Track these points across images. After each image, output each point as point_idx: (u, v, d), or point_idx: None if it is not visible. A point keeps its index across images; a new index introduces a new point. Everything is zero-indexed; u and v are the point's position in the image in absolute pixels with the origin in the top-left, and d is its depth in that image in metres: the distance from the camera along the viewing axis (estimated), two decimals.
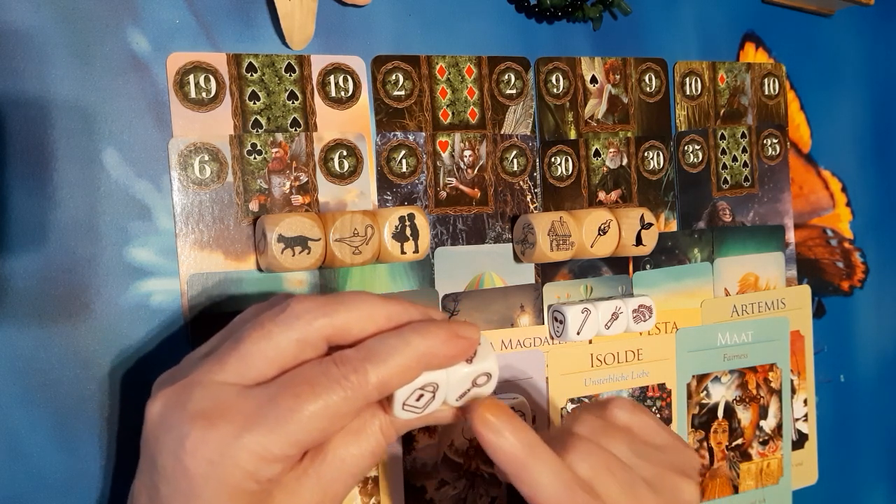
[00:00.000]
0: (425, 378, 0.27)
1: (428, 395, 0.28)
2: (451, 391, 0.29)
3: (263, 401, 0.25)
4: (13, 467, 0.33)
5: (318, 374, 0.26)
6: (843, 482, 0.55)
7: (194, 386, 0.26)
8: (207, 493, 0.25)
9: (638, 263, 0.47)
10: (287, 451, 0.25)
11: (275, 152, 0.38)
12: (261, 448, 0.25)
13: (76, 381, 0.34)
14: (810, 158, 0.54)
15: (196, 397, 0.26)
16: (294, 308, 0.27)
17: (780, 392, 0.51)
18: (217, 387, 0.26)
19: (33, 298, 0.33)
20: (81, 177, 0.34)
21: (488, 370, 0.29)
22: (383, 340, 0.27)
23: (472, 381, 0.29)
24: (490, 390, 0.30)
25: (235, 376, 0.26)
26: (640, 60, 0.47)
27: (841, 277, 0.55)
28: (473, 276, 0.42)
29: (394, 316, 0.28)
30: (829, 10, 0.54)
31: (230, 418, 0.25)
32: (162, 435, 0.26)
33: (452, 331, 0.27)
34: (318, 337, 0.27)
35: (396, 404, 0.28)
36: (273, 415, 0.25)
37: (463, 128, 0.42)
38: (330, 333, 0.27)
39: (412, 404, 0.28)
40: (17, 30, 0.33)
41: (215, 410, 0.25)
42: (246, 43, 0.37)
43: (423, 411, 0.28)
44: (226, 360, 0.26)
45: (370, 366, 0.26)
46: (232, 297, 0.36)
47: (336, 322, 0.27)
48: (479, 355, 0.29)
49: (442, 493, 0.41)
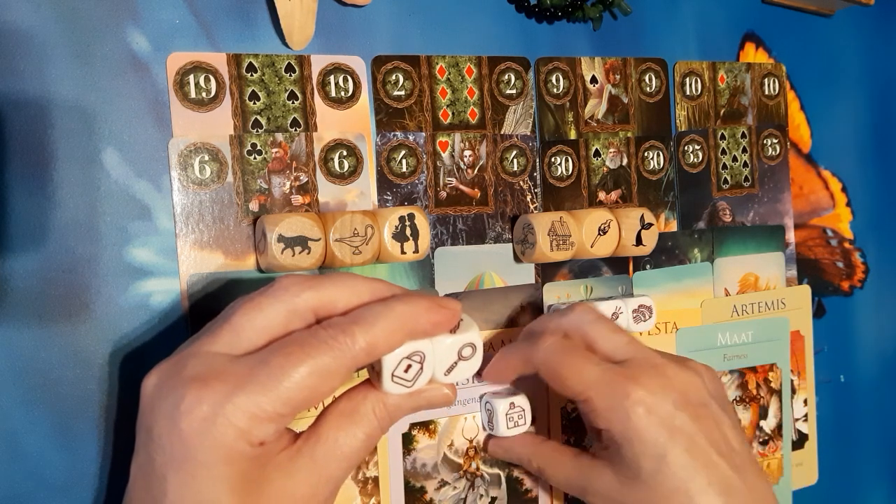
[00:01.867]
0: (411, 346, 0.29)
1: (416, 365, 0.29)
2: (438, 363, 0.30)
3: (255, 363, 0.26)
4: (13, 467, 0.33)
5: (308, 337, 0.27)
6: (843, 482, 0.55)
7: (188, 357, 0.27)
8: (202, 454, 0.25)
9: (638, 263, 0.47)
10: (279, 409, 0.26)
11: (275, 152, 0.38)
12: (254, 406, 0.25)
13: (76, 381, 0.34)
14: (810, 158, 0.54)
15: (190, 365, 0.26)
16: (282, 282, 0.28)
17: (780, 392, 0.51)
18: (210, 356, 0.27)
19: (33, 298, 0.33)
20: (81, 177, 0.34)
21: (472, 340, 0.30)
22: (369, 307, 0.28)
23: (458, 352, 0.30)
24: (477, 364, 0.31)
25: (227, 347, 0.27)
26: (640, 60, 0.47)
27: (841, 277, 0.55)
28: (473, 276, 0.42)
29: (377, 291, 0.29)
30: (829, 10, 0.54)
31: (224, 379, 0.26)
32: (157, 403, 0.26)
33: (434, 301, 0.29)
34: (305, 307, 0.28)
35: (385, 375, 0.29)
36: (265, 373, 0.26)
37: (463, 128, 0.42)
38: (317, 305, 0.28)
39: (401, 376, 0.29)
40: (17, 30, 0.33)
41: (209, 374, 0.26)
42: (246, 43, 0.37)
43: (412, 384, 0.29)
44: (218, 333, 0.27)
45: (357, 328, 0.27)
46: (232, 297, 0.36)
47: (322, 294, 0.28)
48: (462, 328, 0.31)
49: (442, 494, 0.41)
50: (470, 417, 0.42)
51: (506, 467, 0.43)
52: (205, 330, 0.29)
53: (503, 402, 0.40)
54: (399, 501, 0.40)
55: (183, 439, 0.25)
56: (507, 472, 0.43)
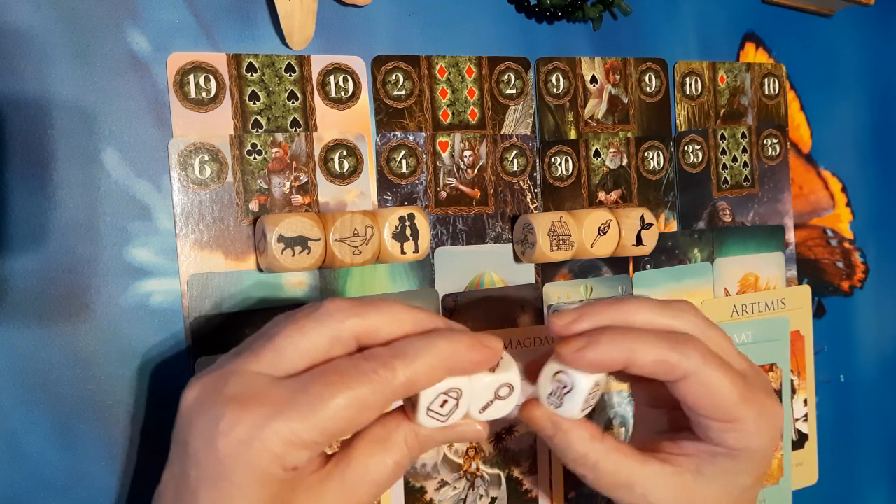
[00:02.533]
0: (449, 383, 0.28)
1: (452, 401, 0.29)
2: (474, 401, 0.30)
3: (295, 389, 0.26)
4: (13, 467, 0.33)
5: (349, 367, 0.27)
6: (843, 482, 0.55)
7: (229, 375, 0.27)
8: (236, 475, 0.25)
9: (638, 263, 0.47)
10: (315, 438, 0.26)
11: (275, 152, 0.38)
12: (290, 433, 0.25)
13: (76, 381, 0.34)
14: (810, 158, 0.54)
15: (231, 383, 0.26)
16: (328, 307, 0.28)
17: (780, 392, 0.51)
18: (251, 376, 0.27)
19: (33, 298, 0.33)
20: (81, 177, 0.34)
21: (510, 381, 0.30)
22: (411, 342, 0.28)
23: (495, 391, 0.30)
24: (513, 405, 0.31)
25: (269, 367, 0.27)
26: (640, 60, 0.47)
27: (841, 277, 0.55)
28: (473, 276, 0.42)
29: (420, 322, 0.29)
30: (829, 10, 0.54)
31: (263, 402, 0.26)
32: (195, 418, 0.27)
33: (477, 338, 0.29)
34: (349, 335, 0.28)
35: (421, 409, 0.28)
36: (304, 401, 0.26)
37: (463, 128, 0.42)
38: (360, 333, 0.28)
39: (436, 410, 0.29)
40: (17, 30, 0.33)
41: (249, 396, 0.26)
42: (246, 43, 0.37)
43: (446, 419, 0.29)
44: (260, 352, 0.27)
45: (398, 362, 0.27)
46: (232, 297, 0.36)
47: (366, 322, 0.28)
48: (501, 367, 0.30)
49: (442, 494, 0.41)
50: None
51: (506, 467, 0.43)
52: (247, 345, 0.29)
53: (588, 380, 0.31)
54: (399, 501, 0.40)
55: (219, 458, 0.25)
56: (507, 472, 0.43)
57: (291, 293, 0.38)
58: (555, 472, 0.44)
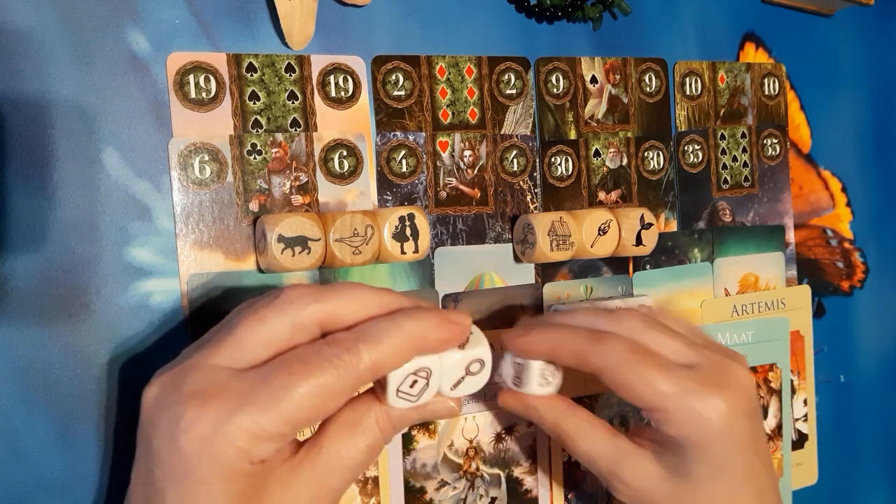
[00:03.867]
0: (418, 363, 0.28)
1: (421, 381, 0.28)
2: (444, 378, 0.29)
3: (256, 381, 0.26)
4: (13, 467, 0.33)
5: (311, 354, 0.26)
6: (843, 482, 0.55)
7: (189, 370, 0.26)
8: (201, 471, 0.25)
9: (638, 263, 0.47)
10: (280, 429, 0.25)
11: (275, 152, 0.38)
12: (254, 425, 0.25)
13: (76, 381, 0.34)
14: (810, 158, 0.54)
15: (191, 380, 0.26)
16: (288, 294, 0.27)
17: (780, 392, 0.51)
18: (212, 370, 0.26)
19: (33, 298, 0.33)
20: (81, 177, 0.34)
21: (481, 356, 0.30)
22: (376, 323, 0.27)
23: (466, 367, 0.29)
24: (484, 379, 0.30)
25: (230, 360, 0.27)
26: (640, 60, 0.47)
27: (841, 277, 0.55)
28: (473, 276, 0.42)
29: (385, 304, 0.28)
30: (829, 10, 0.54)
31: (224, 397, 0.25)
32: (157, 417, 0.26)
33: (444, 316, 0.28)
34: (311, 321, 0.27)
35: (390, 390, 0.28)
36: (266, 393, 0.25)
37: (463, 128, 0.42)
38: (323, 318, 0.27)
39: (406, 391, 0.28)
40: (17, 30, 0.33)
41: (210, 391, 0.25)
42: (246, 43, 0.37)
43: (417, 399, 0.29)
44: (221, 345, 0.27)
45: (363, 345, 0.26)
46: (232, 297, 0.36)
47: (328, 307, 0.27)
48: (471, 342, 0.30)
49: (442, 494, 0.41)
50: (470, 418, 0.42)
51: (506, 467, 0.43)
52: (207, 339, 0.28)
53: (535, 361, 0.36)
54: (399, 502, 0.40)
55: (182, 456, 0.25)
56: (507, 472, 0.43)
57: None
58: (555, 472, 0.44)
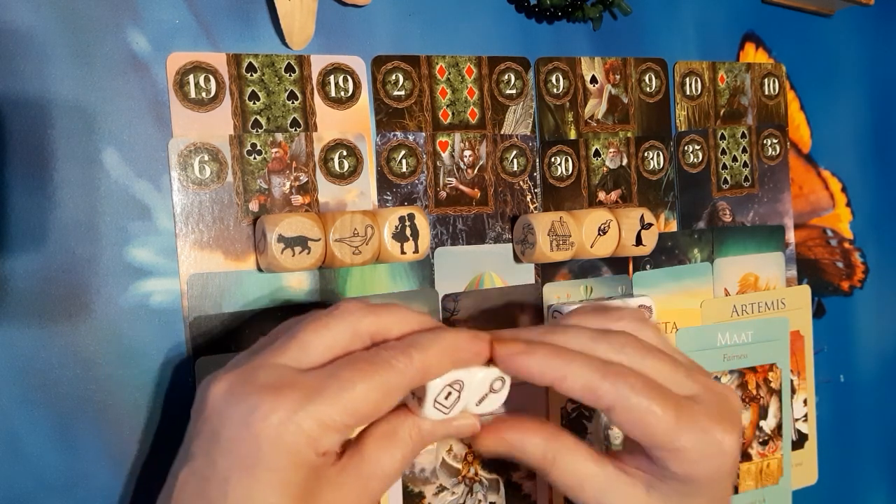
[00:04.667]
0: (453, 375, 0.30)
1: (455, 393, 0.31)
2: (472, 394, 0.31)
3: (324, 376, 0.28)
4: (13, 467, 0.33)
5: (372, 356, 0.29)
6: (843, 482, 0.55)
7: (259, 368, 0.28)
8: (271, 458, 0.26)
9: (638, 263, 0.47)
10: (346, 420, 0.28)
11: (275, 152, 0.38)
12: (324, 415, 0.27)
13: (76, 381, 0.34)
14: (810, 158, 0.54)
15: (262, 375, 0.28)
16: (347, 306, 0.30)
17: (780, 392, 0.51)
18: (280, 367, 0.28)
19: (33, 298, 0.33)
20: (81, 177, 0.34)
21: (503, 374, 0.32)
22: (422, 334, 0.30)
23: (490, 384, 0.32)
24: (503, 397, 0.32)
25: (294, 361, 0.29)
26: (640, 60, 0.47)
27: (841, 277, 0.55)
28: (473, 276, 0.42)
29: (424, 322, 0.32)
30: (829, 10, 0.54)
31: (297, 389, 0.27)
32: (228, 409, 0.28)
33: (474, 332, 0.31)
34: (365, 331, 0.30)
35: (428, 400, 0.30)
36: (335, 385, 0.28)
37: (463, 128, 0.42)
38: (374, 330, 0.30)
39: (442, 402, 0.31)
40: (17, 30, 0.33)
41: (282, 384, 0.28)
42: (246, 43, 0.37)
43: (449, 412, 0.31)
44: (286, 348, 0.29)
45: (414, 351, 0.29)
46: (232, 297, 0.36)
47: (380, 321, 0.30)
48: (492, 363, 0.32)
49: (440, 499, 0.41)
50: None
51: (504, 472, 0.43)
52: (267, 343, 0.30)
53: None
54: None
55: (255, 443, 0.26)
56: (506, 477, 0.43)
57: (291, 293, 0.38)
58: None
